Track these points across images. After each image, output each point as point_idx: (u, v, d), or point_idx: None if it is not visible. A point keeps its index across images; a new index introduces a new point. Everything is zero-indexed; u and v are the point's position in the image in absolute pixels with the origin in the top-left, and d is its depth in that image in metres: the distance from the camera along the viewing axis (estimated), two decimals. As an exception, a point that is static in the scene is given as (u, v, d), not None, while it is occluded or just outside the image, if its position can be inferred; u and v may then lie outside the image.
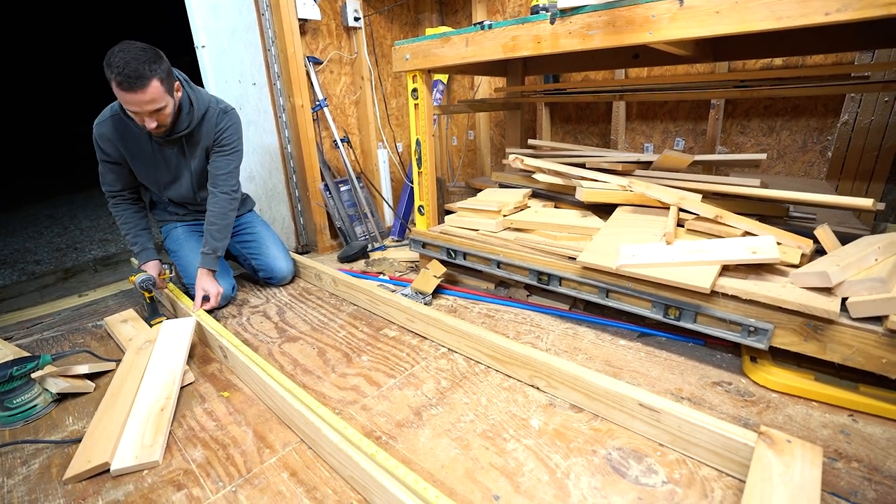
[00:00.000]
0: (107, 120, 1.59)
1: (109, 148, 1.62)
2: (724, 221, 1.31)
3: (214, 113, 1.70)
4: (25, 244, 3.40)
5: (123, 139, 1.62)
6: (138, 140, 1.64)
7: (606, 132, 2.58)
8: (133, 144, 1.64)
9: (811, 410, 1.09)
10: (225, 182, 1.76)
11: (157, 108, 1.44)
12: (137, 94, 1.37)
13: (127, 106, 1.42)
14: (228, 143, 1.74)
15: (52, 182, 6.66)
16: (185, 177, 1.79)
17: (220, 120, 1.71)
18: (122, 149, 1.63)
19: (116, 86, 1.35)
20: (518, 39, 1.41)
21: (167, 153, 1.70)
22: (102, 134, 1.60)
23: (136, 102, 1.39)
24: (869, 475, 0.90)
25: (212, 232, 1.73)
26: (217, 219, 1.73)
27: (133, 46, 1.37)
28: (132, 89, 1.36)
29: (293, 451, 1.06)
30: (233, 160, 1.77)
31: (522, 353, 1.22)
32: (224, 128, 1.72)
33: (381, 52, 2.76)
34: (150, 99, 1.40)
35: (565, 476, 0.94)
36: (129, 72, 1.33)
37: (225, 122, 1.72)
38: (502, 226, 1.75)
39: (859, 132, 1.78)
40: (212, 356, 1.50)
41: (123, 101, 1.40)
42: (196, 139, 1.70)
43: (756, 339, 1.12)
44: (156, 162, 1.70)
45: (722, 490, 0.88)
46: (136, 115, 1.45)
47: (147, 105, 1.41)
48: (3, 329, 1.83)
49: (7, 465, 1.07)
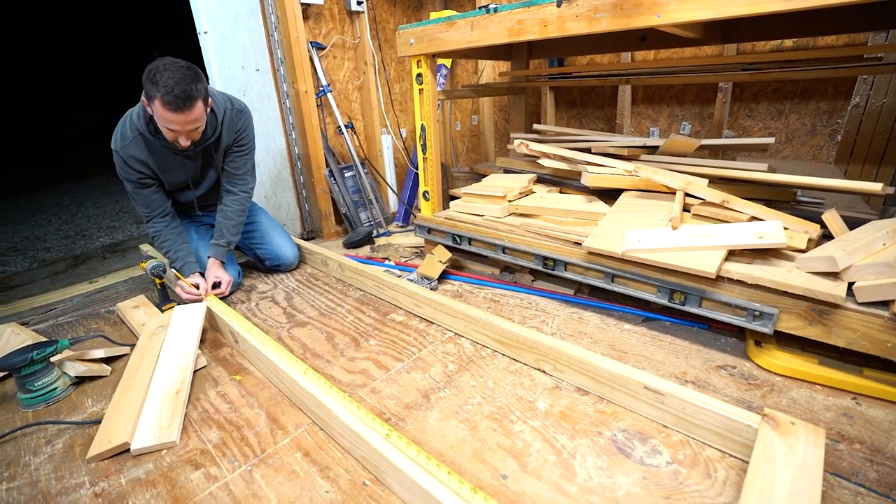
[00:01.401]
0: (131, 142, 1.54)
1: (142, 167, 1.58)
2: (731, 206, 1.31)
3: (231, 114, 1.70)
4: (35, 232, 3.44)
5: (152, 155, 1.58)
6: (164, 153, 1.60)
7: (612, 116, 2.55)
8: (161, 158, 1.60)
9: (815, 394, 1.10)
10: (243, 181, 1.80)
11: (196, 127, 1.44)
12: (184, 115, 1.36)
13: (167, 124, 1.39)
14: (246, 142, 1.77)
15: (51, 170, 6.69)
16: (211, 176, 1.79)
17: (237, 120, 1.71)
18: (153, 165, 1.60)
19: (163, 105, 1.33)
20: (524, 23, 1.40)
21: (195, 161, 1.69)
22: (132, 155, 1.55)
23: (180, 122, 1.38)
24: (871, 456, 0.92)
25: (228, 227, 1.78)
26: (235, 215, 1.79)
27: (178, 65, 1.35)
28: (180, 110, 1.34)
29: (305, 432, 1.09)
30: (249, 159, 1.81)
31: (528, 337, 1.23)
32: (242, 128, 1.74)
33: (384, 36, 2.73)
34: (194, 119, 1.40)
35: (571, 456, 0.96)
36: (179, 92, 1.32)
37: (242, 123, 1.73)
38: (507, 211, 1.76)
39: (870, 115, 1.76)
40: (223, 341, 1.53)
41: (165, 119, 1.37)
42: (219, 142, 1.70)
43: (761, 324, 1.13)
44: (184, 166, 1.67)
45: (725, 470, 0.90)
46: (173, 132, 1.42)
47: (189, 125, 1.41)
48: (19, 315, 1.87)
49: (32, 445, 1.11)
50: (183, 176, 1.70)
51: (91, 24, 7.68)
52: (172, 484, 0.96)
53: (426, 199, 1.99)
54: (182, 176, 1.70)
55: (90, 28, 7.79)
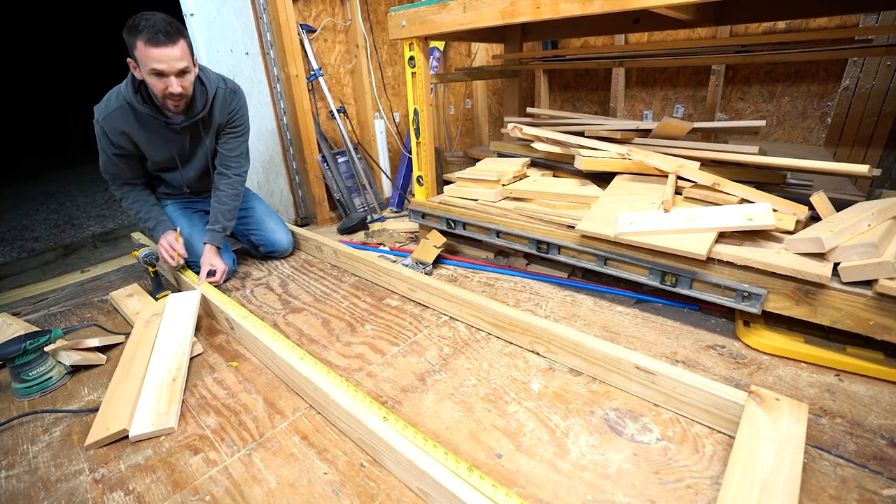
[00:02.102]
0: (115, 111, 1.51)
1: (121, 140, 1.56)
2: (722, 189, 1.32)
3: (225, 93, 1.68)
4: (22, 221, 3.38)
5: (135, 127, 1.55)
6: (151, 127, 1.57)
7: (605, 99, 2.55)
8: (147, 131, 1.58)
9: (800, 371, 1.13)
10: (237, 164, 1.78)
11: (184, 66, 1.42)
12: (168, 49, 1.36)
13: (155, 64, 1.37)
14: (239, 124, 1.75)
15: (41, 159, 6.55)
16: (202, 156, 1.76)
17: (230, 100, 1.69)
18: (134, 137, 1.57)
19: (146, 43, 1.33)
20: (517, 4, 1.38)
21: (183, 137, 1.66)
22: (113, 126, 1.53)
23: (166, 59, 1.37)
24: (851, 430, 0.95)
25: (223, 212, 1.76)
26: (229, 199, 1.77)
27: (158, 13, 1.37)
28: (163, 44, 1.35)
29: (303, 416, 1.10)
30: (243, 141, 1.79)
31: (523, 320, 1.25)
32: (235, 109, 1.72)
33: (375, 18, 2.69)
34: (180, 55, 1.39)
35: (564, 435, 0.98)
36: (161, 27, 1.34)
37: (236, 103, 1.71)
38: (501, 195, 1.76)
39: (860, 97, 1.78)
40: (218, 328, 1.54)
41: (152, 58, 1.36)
42: (210, 120, 1.68)
43: (749, 304, 1.16)
44: (171, 144, 1.64)
45: (713, 446, 0.93)
46: (162, 77, 1.41)
47: (176, 62, 1.39)
48: (10, 305, 1.85)
49: (30, 433, 1.11)
50: (167, 153, 1.67)
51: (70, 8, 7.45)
52: (172, 469, 0.97)
53: (420, 183, 1.99)
54: (167, 153, 1.67)
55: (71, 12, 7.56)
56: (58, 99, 8.36)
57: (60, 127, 8.35)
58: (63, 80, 8.20)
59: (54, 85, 8.26)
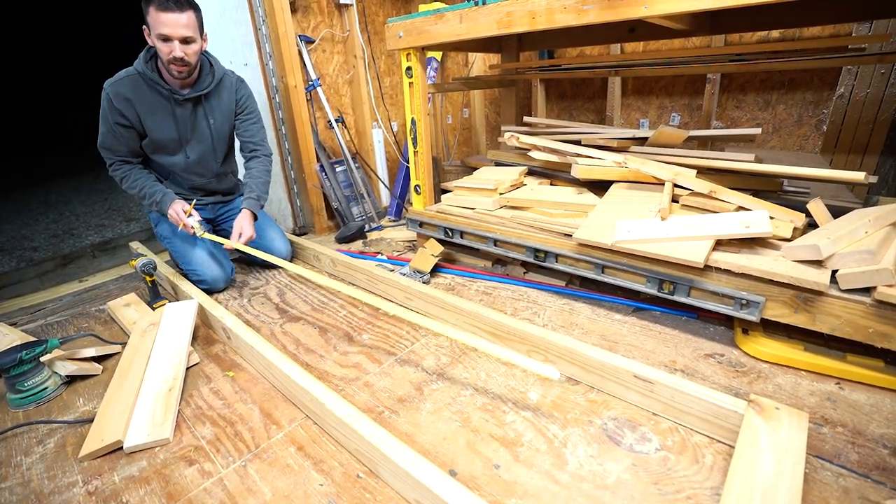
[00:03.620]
0: (123, 79, 1.59)
1: (124, 106, 1.60)
2: (718, 196, 1.32)
3: (233, 79, 1.79)
4: (21, 231, 3.38)
5: (140, 97, 1.62)
6: (156, 97, 1.64)
7: (602, 108, 2.56)
8: (150, 102, 1.63)
9: (800, 379, 1.12)
10: (263, 146, 1.90)
11: (189, 35, 1.51)
12: (175, 14, 1.46)
13: (161, 28, 1.46)
14: (253, 109, 1.87)
15: (40, 159, 6.57)
16: (206, 136, 1.79)
17: (239, 86, 1.81)
18: (138, 107, 1.62)
19: (156, 8, 1.43)
20: (513, 15, 1.39)
21: (186, 112, 1.70)
22: (118, 92, 1.59)
23: (172, 23, 1.46)
24: (852, 439, 0.94)
25: (258, 184, 1.83)
26: (262, 174, 1.86)
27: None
28: (171, 10, 1.44)
29: (299, 426, 1.09)
30: (260, 127, 1.91)
31: (520, 329, 1.25)
32: (245, 95, 1.83)
33: (373, 29, 2.71)
34: (186, 23, 1.49)
35: (563, 445, 0.98)
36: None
37: (244, 90, 1.84)
38: (499, 204, 1.76)
39: (855, 105, 1.79)
40: (215, 337, 1.53)
41: (159, 22, 1.45)
42: (216, 100, 1.76)
43: (748, 312, 1.15)
44: (174, 116, 1.69)
45: (713, 455, 0.92)
46: (168, 42, 1.49)
47: (182, 29, 1.48)
48: (7, 315, 1.85)
49: (24, 445, 1.10)
50: (171, 130, 1.70)
51: (71, 16, 7.51)
52: (166, 480, 0.96)
53: (418, 192, 1.99)
54: (170, 130, 1.70)
55: (72, 19, 7.62)
56: (58, 99, 8.35)
57: (60, 127, 8.35)
58: (64, 80, 8.21)
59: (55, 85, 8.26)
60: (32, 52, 7.80)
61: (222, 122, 1.81)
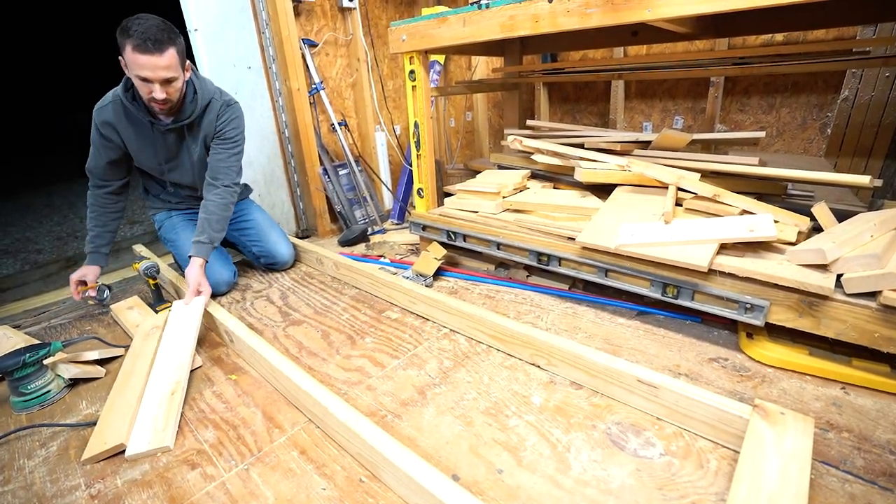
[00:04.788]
0: (108, 105, 1.58)
1: (109, 132, 1.61)
2: (722, 200, 1.32)
3: (217, 105, 1.70)
4: (26, 233, 3.40)
5: (124, 123, 1.61)
6: (140, 125, 1.62)
7: (605, 111, 2.56)
8: (134, 129, 1.63)
9: (805, 384, 1.12)
10: (226, 174, 1.71)
11: (170, 76, 1.44)
12: (154, 58, 1.37)
13: (140, 71, 1.39)
14: (230, 136, 1.72)
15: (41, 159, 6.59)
16: (186, 162, 1.77)
17: (222, 112, 1.70)
18: (122, 132, 1.62)
19: (133, 49, 1.35)
20: (516, 18, 1.40)
21: (169, 140, 1.69)
22: (104, 119, 1.59)
23: (151, 66, 1.39)
24: (859, 444, 0.93)
25: (210, 222, 1.66)
26: (217, 209, 1.67)
27: (152, 17, 1.39)
28: (150, 52, 1.36)
29: (301, 430, 1.09)
30: (234, 153, 1.74)
31: (523, 333, 1.24)
32: (226, 120, 1.71)
33: (376, 33, 2.72)
34: (165, 65, 1.41)
35: (566, 450, 0.97)
36: (151, 35, 1.35)
37: (228, 115, 1.71)
38: (502, 207, 1.76)
39: (859, 108, 1.78)
40: (218, 340, 1.53)
41: (138, 65, 1.38)
42: (197, 129, 1.70)
43: (752, 316, 1.15)
44: (155, 144, 1.68)
45: (717, 461, 0.91)
46: (148, 83, 1.43)
47: (161, 71, 1.41)
48: (11, 318, 1.85)
49: (27, 448, 1.10)
50: (152, 155, 1.70)
51: (75, 19, 7.55)
52: (169, 484, 0.96)
53: (421, 196, 2.00)
54: (152, 155, 1.70)
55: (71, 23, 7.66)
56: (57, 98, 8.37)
57: (60, 127, 8.37)
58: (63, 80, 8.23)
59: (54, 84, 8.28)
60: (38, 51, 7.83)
61: (202, 149, 1.76)
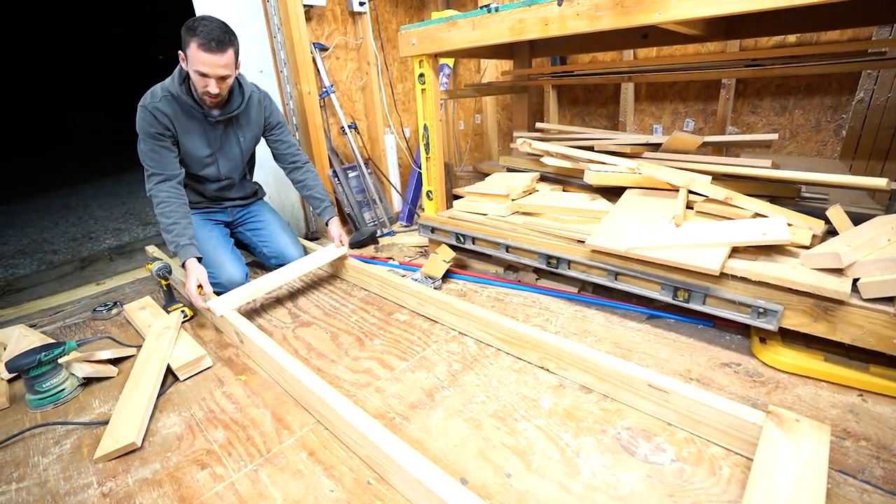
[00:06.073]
0: (161, 99, 1.64)
1: (166, 121, 1.65)
2: (734, 203, 1.30)
3: (259, 96, 1.85)
4: (42, 234, 3.46)
5: (177, 115, 1.67)
6: (192, 116, 1.69)
7: (615, 114, 2.55)
8: (186, 119, 1.69)
9: (820, 391, 1.10)
10: (299, 153, 1.99)
11: (226, 74, 1.55)
12: (216, 57, 1.49)
13: (201, 67, 1.50)
14: (282, 122, 1.94)
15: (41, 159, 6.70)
16: (235, 149, 1.86)
17: (265, 102, 1.87)
18: (175, 123, 1.67)
19: (198, 46, 1.46)
20: (525, 22, 1.39)
21: (217, 132, 1.77)
22: (158, 108, 1.62)
23: (212, 64, 1.50)
24: (877, 453, 0.91)
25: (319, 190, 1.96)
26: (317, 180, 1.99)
27: (216, 19, 1.51)
28: (213, 51, 1.48)
29: (310, 431, 1.09)
30: (289, 133, 1.98)
31: (532, 336, 1.24)
32: (273, 110, 1.90)
33: (386, 36, 2.74)
34: (224, 64, 1.52)
35: (575, 455, 0.96)
36: (215, 36, 1.47)
37: (270, 104, 1.89)
38: (511, 210, 1.76)
39: (875, 110, 1.75)
40: (228, 341, 1.54)
41: (200, 61, 1.48)
42: (245, 118, 1.82)
43: (765, 321, 1.13)
44: (206, 135, 1.75)
45: (730, 468, 0.90)
46: (205, 78, 1.53)
47: (220, 69, 1.52)
48: (27, 317, 1.89)
49: (41, 445, 1.12)
50: (204, 148, 1.77)
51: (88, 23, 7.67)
52: (179, 483, 0.97)
53: (430, 198, 2.00)
54: (203, 148, 1.76)
55: (88, 27, 7.77)
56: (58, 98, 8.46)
57: (60, 127, 8.46)
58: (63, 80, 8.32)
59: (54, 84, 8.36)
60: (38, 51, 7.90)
61: (251, 139, 1.89)
